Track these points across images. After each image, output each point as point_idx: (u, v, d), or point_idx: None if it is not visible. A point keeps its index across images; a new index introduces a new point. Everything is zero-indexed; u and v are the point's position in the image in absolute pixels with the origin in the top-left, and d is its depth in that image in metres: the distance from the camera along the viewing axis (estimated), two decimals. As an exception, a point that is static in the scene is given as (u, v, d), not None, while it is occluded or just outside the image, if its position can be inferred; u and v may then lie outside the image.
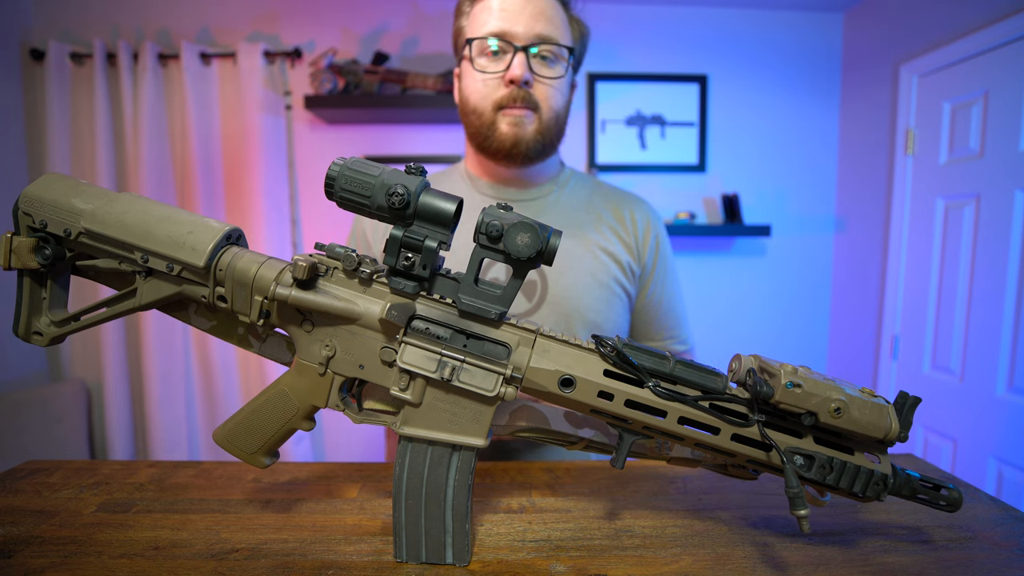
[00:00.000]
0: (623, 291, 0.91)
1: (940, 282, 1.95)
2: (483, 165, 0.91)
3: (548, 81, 0.84)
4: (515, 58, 0.81)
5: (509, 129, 0.83)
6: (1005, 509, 0.59)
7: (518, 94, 0.82)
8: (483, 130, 0.85)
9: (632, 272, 0.92)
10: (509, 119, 0.83)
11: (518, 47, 0.80)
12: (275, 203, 2.16)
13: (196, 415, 2.21)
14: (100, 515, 0.56)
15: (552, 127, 0.86)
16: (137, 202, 0.48)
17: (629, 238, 0.92)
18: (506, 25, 0.81)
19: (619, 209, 0.94)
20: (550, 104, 0.84)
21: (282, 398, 0.51)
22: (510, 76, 0.80)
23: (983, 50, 1.76)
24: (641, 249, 0.93)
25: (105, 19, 2.13)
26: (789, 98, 2.40)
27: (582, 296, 0.87)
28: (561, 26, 0.84)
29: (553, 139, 0.87)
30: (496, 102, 0.83)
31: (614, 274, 0.90)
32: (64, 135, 2.06)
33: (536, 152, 0.86)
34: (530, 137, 0.84)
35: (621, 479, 0.67)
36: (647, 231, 0.94)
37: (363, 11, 2.21)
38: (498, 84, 0.83)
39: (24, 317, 0.50)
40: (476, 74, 0.84)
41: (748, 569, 0.48)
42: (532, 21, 0.81)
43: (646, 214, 0.95)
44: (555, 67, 0.84)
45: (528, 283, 0.87)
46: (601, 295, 0.88)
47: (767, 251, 2.46)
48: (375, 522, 0.55)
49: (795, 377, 0.45)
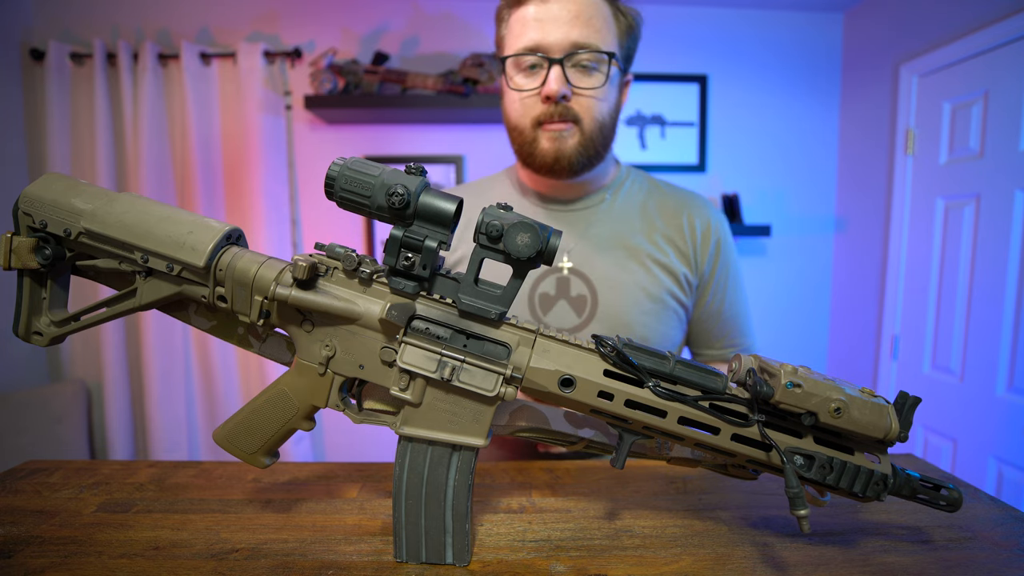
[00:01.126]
0: (678, 304, 0.88)
1: (940, 282, 1.95)
2: (531, 176, 0.88)
3: (588, 92, 0.79)
4: (550, 72, 0.77)
5: (550, 145, 0.80)
6: (1005, 509, 0.59)
7: (556, 110, 0.79)
8: (525, 147, 0.83)
9: (688, 284, 0.89)
10: (549, 135, 0.80)
11: (553, 60, 0.77)
12: (275, 203, 2.16)
13: (196, 415, 2.21)
14: (100, 515, 0.56)
15: (596, 138, 0.82)
16: (137, 202, 0.48)
17: (686, 247, 0.89)
18: (539, 37, 0.77)
19: (677, 214, 0.90)
20: (592, 115, 0.81)
21: (282, 398, 0.51)
22: (545, 92, 0.77)
23: (983, 50, 1.76)
24: (699, 258, 0.89)
25: (105, 19, 2.13)
26: (789, 98, 2.40)
27: (632, 311, 0.84)
28: (602, 28, 0.79)
29: (599, 149, 0.84)
30: (535, 118, 0.80)
31: (668, 287, 0.87)
32: (64, 135, 2.06)
33: (580, 165, 0.83)
34: (572, 151, 0.81)
35: (621, 479, 0.67)
36: (705, 237, 0.90)
37: (363, 11, 2.21)
38: (535, 100, 0.80)
39: (24, 317, 0.50)
40: (513, 92, 0.81)
41: (748, 569, 0.48)
42: (567, 28, 0.76)
43: (706, 218, 0.91)
44: (595, 75, 0.80)
45: (578, 297, 0.85)
46: (653, 309, 0.85)
47: (767, 251, 2.46)
48: (375, 522, 0.55)
49: (795, 377, 0.45)
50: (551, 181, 0.86)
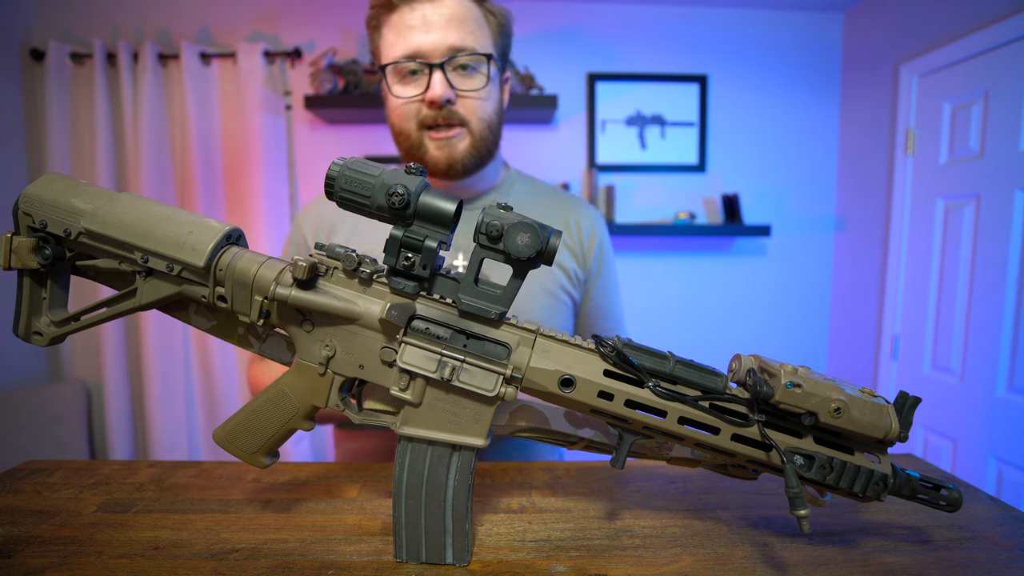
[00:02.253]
0: (569, 298, 0.91)
1: (940, 282, 1.95)
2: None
3: (472, 94, 0.80)
4: (432, 78, 0.77)
5: (439, 152, 0.81)
6: (1005, 509, 0.59)
7: (441, 114, 0.79)
8: (413, 151, 0.82)
9: (577, 279, 0.92)
10: (436, 143, 0.80)
11: (433, 65, 0.77)
12: (275, 203, 2.16)
13: (196, 415, 2.21)
14: (100, 515, 0.56)
15: (486, 137, 0.83)
16: (137, 202, 0.48)
17: (574, 245, 0.92)
18: (416, 43, 0.77)
19: (564, 215, 0.93)
20: (479, 116, 0.81)
21: (282, 398, 0.51)
22: (430, 98, 0.77)
23: (983, 50, 1.76)
24: (587, 255, 0.93)
25: (105, 19, 2.13)
26: (789, 98, 2.40)
27: (531, 307, 0.86)
28: (476, 29, 0.79)
29: (489, 148, 0.85)
30: (420, 122, 0.80)
31: (560, 282, 0.89)
32: (64, 135, 2.06)
33: (472, 166, 0.84)
34: (462, 154, 0.81)
35: (621, 479, 0.67)
36: (592, 238, 0.93)
37: (363, 11, 2.18)
38: (420, 106, 0.79)
39: (24, 317, 0.50)
40: (395, 100, 0.81)
41: (748, 569, 0.48)
42: (443, 33, 0.77)
43: (591, 220, 0.95)
44: (477, 77, 0.80)
45: None
46: (548, 303, 0.88)
47: (767, 251, 2.46)
48: (375, 522, 0.55)
49: (795, 377, 0.45)
50: (442, 182, 0.87)
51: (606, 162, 2.34)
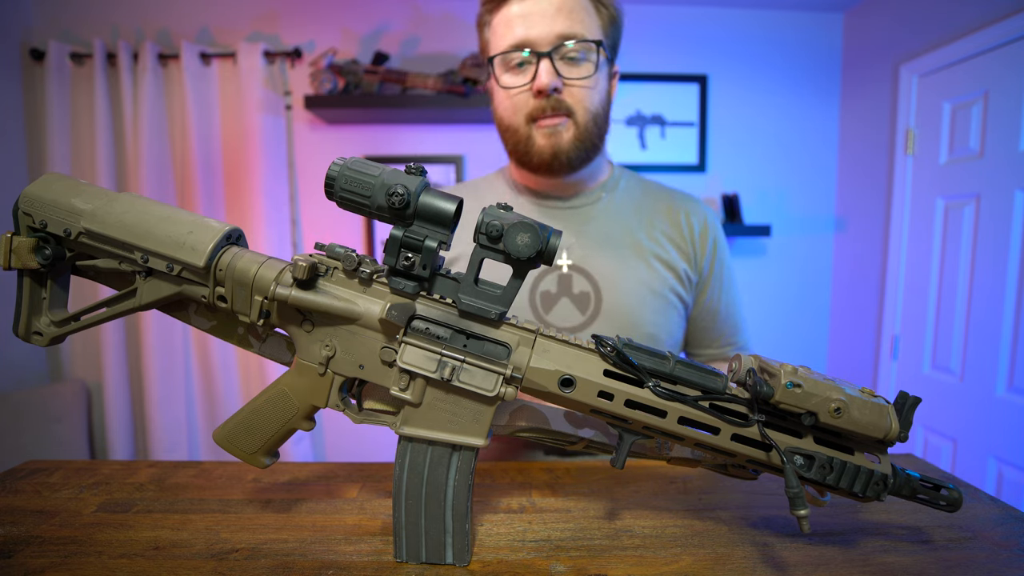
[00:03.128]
0: (679, 300, 0.88)
1: (940, 282, 1.95)
2: (527, 175, 0.88)
3: (579, 82, 0.79)
4: (540, 66, 0.76)
5: (545, 141, 0.80)
6: (1005, 509, 0.59)
7: (548, 103, 0.78)
8: (520, 146, 0.82)
9: (689, 280, 0.89)
10: (544, 131, 0.79)
11: (541, 53, 0.76)
12: (275, 203, 2.16)
13: (196, 415, 2.21)
14: (100, 515, 0.56)
15: (591, 129, 0.82)
16: (137, 202, 0.48)
17: (685, 244, 0.89)
18: (524, 32, 0.77)
19: (674, 212, 0.90)
20: (585, 106, 0.80)
21: (282, 398, 0.51)
22: (537, 86, 0.77)
23: (983, 50, 1.76)
24: (698, 255, 0.89)
25: (105, 19, 2.13)
26: (789, 98, 2.40)
27: (637, 308, 0.84)
28: (586, 18, 0.78)
29: (595, 141, 0.83)
30: (528, 115, 0.80)
31: (670, 284, 0.87)
32: (64, 135, 2.06)
33: (578, 159, 0.82)
34: (568, 145, 0.80)
35: (621, 479, 0.67)
36: (704, 234, 0.90)
37: (363, 11, 2.21)
38: (527, 96, 0.79)
39: (24, 317, 0.50)
40: (502, 92, 0.81)
41: (748, 569, 0.48)
42: (551, 21, 0.76)
43: (703, 216, 0.91)
44: (584, 65, 0.79)
45: (581, 295, 0.84)
46: (657, 306, 0.85)
47: (767, 251, 2.46)
48: (375, 522, 0.55)
49: (795, 377, 0.45)
50: (548, 179, 0.86)
51: (606, 162, 2.34)
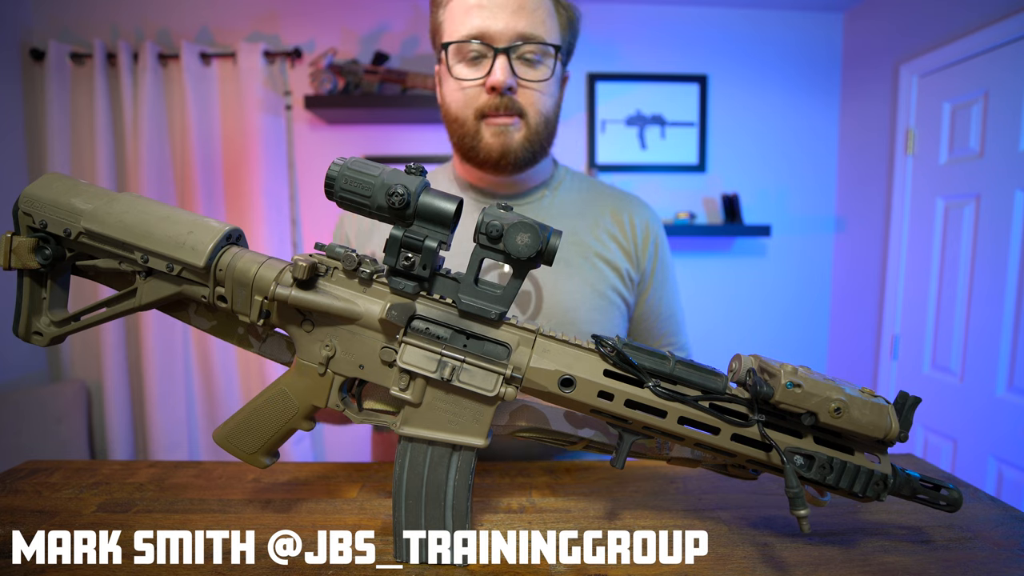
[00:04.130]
0: (621, 300, 0.87)
1: (940, 282, 1.95)
2: (471, 171, 0.86)
3: (534, 85, 0.77)
4: (496, 62, 0.74)
5: (494, 140, 0.77)
6: (1005, 509, 0.59)
7: (501, 102, 0.76)
8: (467, 139, 0.79)
9: (631, 280, 0.88)
10: (493, 129, 0.77)
11: (498, 49, 0.74)
12: (275, 203, 2.16)
13: (196, 415, 2.21)
14: (100, 515, 0.56)
15: (541, 132, 0.80)
16: (137, 202, 0.48)
17: (628, 244, 0.88)
18: (484, 24, 0.74)
19: (617, 212, 0.89)
20: (537, 108, 0.78)
21: (282, 398, 0.51)
22: (491, 83, 0.74)
23: (983, 50, 1.76)
24: (640, 255, 0.89)
25: (105, 19, 2.13)
26: (789, 98, 2.40)
27: (579, 307, 0.83)
28: (547, 19, 0.77)
29: (543, 143, 0.82)
30: (478, 110, 0.77)
31: (612, 283, 0.86)
32: (64, 135, 2.06)
33: (525, 160, 0.80)
34: (517, 146, 0.78)
35: (621, 479, 0.67)
36: (646, 236, 0.89)
37: (363, 11, 2.21)
38: (479, 91, 0.76)
39: (24, 317, 0.50)
40: (454, 81, 0.78)
41: (748, 569, 0.48)
42: (513, 18, 0.74)
43: (645, 217, 0.91)
44: (540, 68, 0.77)
45: (522, 293, 0.82)
46: (598, 305, 0.84)
47: (767, 251, 2.46)
48: (375, 522, 0.55)
49: (795, 377, 0.45)
50: (492, 176, 0.84)
51: (606, 162, 2.34)
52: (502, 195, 0.87)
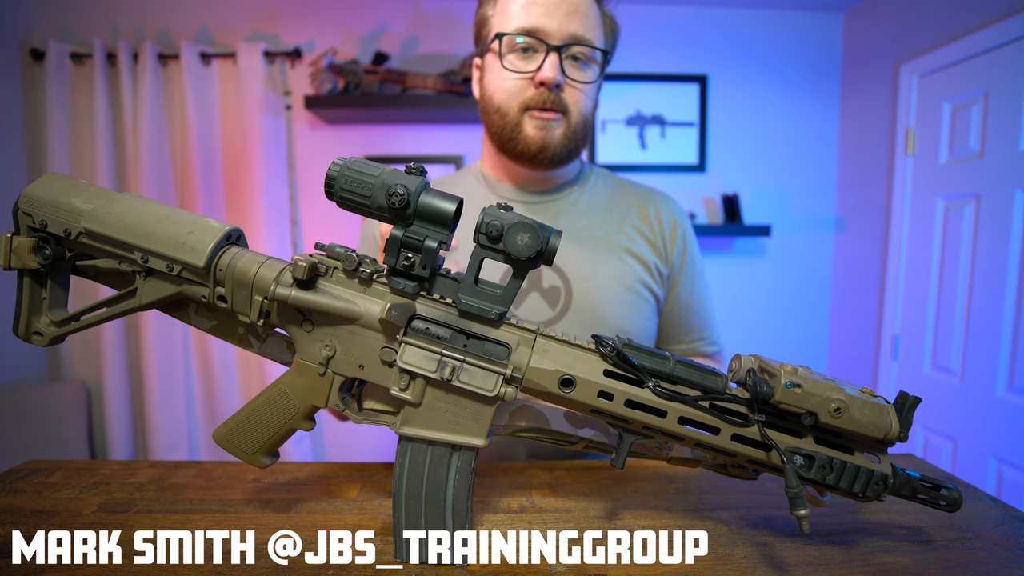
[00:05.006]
0: (650, 294, 0.88)
1: (940, 282, 1.95)
2: (503, 166, 0.87)
3: (579, 85, 0.80)
4: (547, 59, 0.76)
5: (536, 132, 0.79)
6: (1005, 509, 0.59)
7: (548, 97, 0.78)
8: (507, 130, 0.80)
9: (659, 273, 0.89)
10: (537, 122, 0.79)
11: (551, 46, 0.76)
12: (275, 203, 2.16)
13: (196, 415, 2.21)
14: (100, 515, 0.56)
15: (579, 131, 0.82)
16: (137, 202, 0.48)
17: (655, 238, 0.89)
18: (539, 21, 0.76)
19: (643, 207, 0.90)
20: (579, 108, 0.81)
21: (282, 398, 0.51)
22: (541, 78, 0.76)
23: (983, 50, 1.76)
24: (668, 249, 0.89)
25: (105, 19, 2.13)
26: (789, 98, 2.40)
27: (608, 302, 0.83)
28: (595, 26, 0.80)
29: (579, 143, 0.84)
30: (523, 103, 0.79)
31: (641, 277, 0.86)
32: (64, 135, 2.06)
33: (562, 157, 0.82)
34: (558, 142, 0.80)
35: (621, 479, 0.67)
36: (673, 229, 0.90)
37: (363, 11, 2.21)
38: (527, 84, 0.78)
39: (24, 317, 0.50)
40: (504, 71, 0.79)
41: (748, 569, 0.48)
42: (567, 19, 0.76)
43: (672, 211, 0.91)
44: (587, 70, 0.80)
45: (551, 290, 0.83)
46: (628, 299, 0.85)
47: (767, 251, 2.46)
48: (375, 522, 0.55)
49: (795, 377, 0.45)
50: (526, 171, 0.85)
51: (606, 162, 2.34)
52: (534, 190, 0.88)
